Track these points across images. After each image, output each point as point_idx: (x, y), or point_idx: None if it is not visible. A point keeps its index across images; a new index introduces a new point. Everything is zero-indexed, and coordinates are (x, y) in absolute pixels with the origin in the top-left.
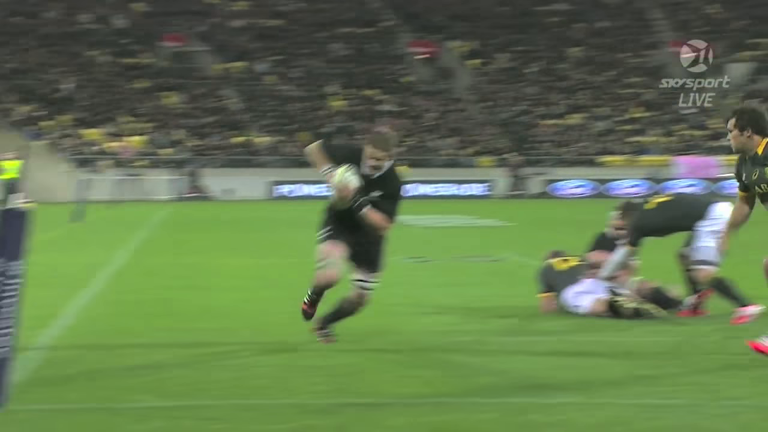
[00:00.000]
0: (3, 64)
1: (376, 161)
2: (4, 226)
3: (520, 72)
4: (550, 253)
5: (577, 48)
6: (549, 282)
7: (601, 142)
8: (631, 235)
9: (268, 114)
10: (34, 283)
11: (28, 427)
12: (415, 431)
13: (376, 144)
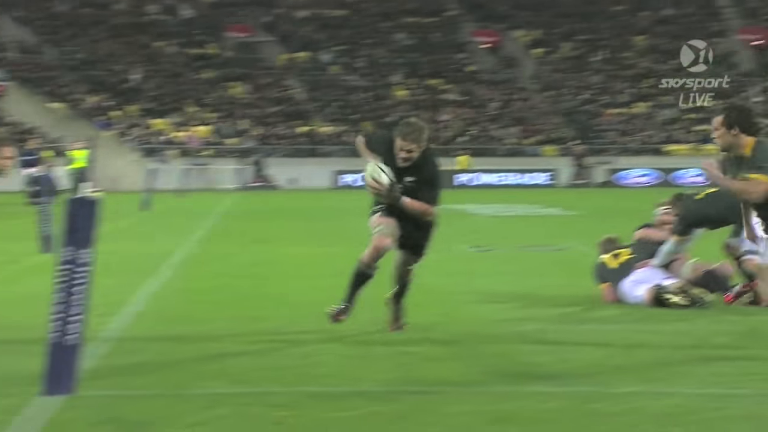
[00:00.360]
0: (73, 55)
1: (407, 153)
2: (74, 215)
3: (584, 61)
4: (604, 241)
5: (642, 36)
6: (604, 278)
7: (666, 131)
8: (678, 225)
9: (333, 104)
10: (103, 272)
11: (99, 413)
12: (478, 419)
13: (406, 136)
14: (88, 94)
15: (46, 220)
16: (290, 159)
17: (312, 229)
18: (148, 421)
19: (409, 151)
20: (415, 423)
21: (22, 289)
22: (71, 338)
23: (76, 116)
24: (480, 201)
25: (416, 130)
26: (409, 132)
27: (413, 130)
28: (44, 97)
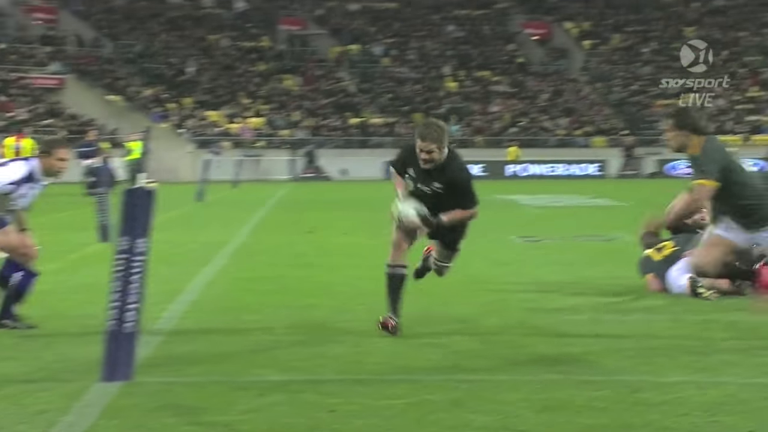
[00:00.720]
0: (130, 49)
1: (428, 155)
2: (131, 206)
3: (634, 52)
4: (644, 234)
5: (693, 27)
6: (649, 270)
7: (717, 122)
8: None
9: (384, 95)
10: (158, 261)
11: (155, 399)
12: (528, 407)
13: (425, 137)
14: (144, 87)
15: (103, 211)
16: (341, 150)
17: (362, 219)
18: (202, 408)
19: (429, 152)
20: (467, 410)
21: (80, 278)
22: (128, 326)
23: (133, 108)
24: (529, 192)
25: (435, 130)
26: (428, 132)
27: (432, 130)
28: (102, 90)
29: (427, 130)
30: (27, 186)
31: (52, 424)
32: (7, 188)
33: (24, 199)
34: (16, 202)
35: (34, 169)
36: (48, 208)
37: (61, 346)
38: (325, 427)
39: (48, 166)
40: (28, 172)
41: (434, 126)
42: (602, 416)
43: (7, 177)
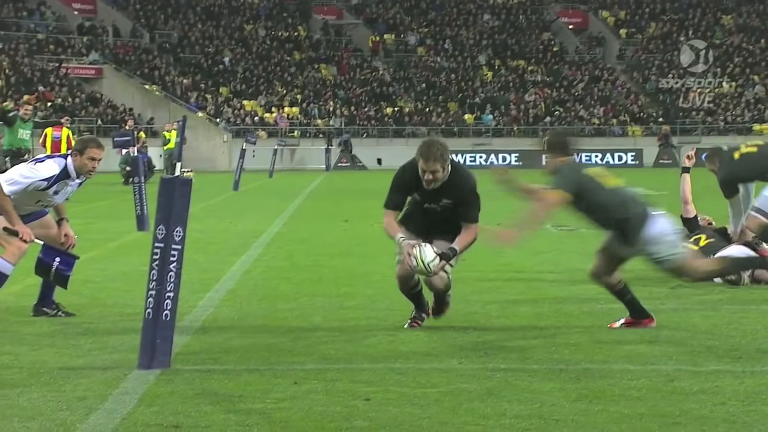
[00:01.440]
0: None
1: (432, 175)
2: (168, 195)
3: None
4: None
5: (730, 15)
6: None
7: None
8: (724, 190)
9: (419, 85)
10: (195, 250)
11: (192, 386)
12: (563, 397)
13: (428, 158)
14: (181, 76)
15: (141, 200)
16: (377, 139)
17: None
18: (239, 396)
19: (434, 172)
20: (501, 399)
21: (118, 266)
22: (166, 315)
23: (170, 98)
24: None
25: (436, 150)
26: (431, 153)
27: (434, 150)
28: (139, 80)
29: (429, 150)
30: (61, 183)
31: (91, 411)
32: (41, 185)
33: (58, 195)
34: (51, 198)
35: (69, 167)
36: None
37: (99, 334)
38: (360, 416)
39: (80, 164)
40: (61, 169)
41: (436, 145)
42: (638, 405)
43: (41, 174)
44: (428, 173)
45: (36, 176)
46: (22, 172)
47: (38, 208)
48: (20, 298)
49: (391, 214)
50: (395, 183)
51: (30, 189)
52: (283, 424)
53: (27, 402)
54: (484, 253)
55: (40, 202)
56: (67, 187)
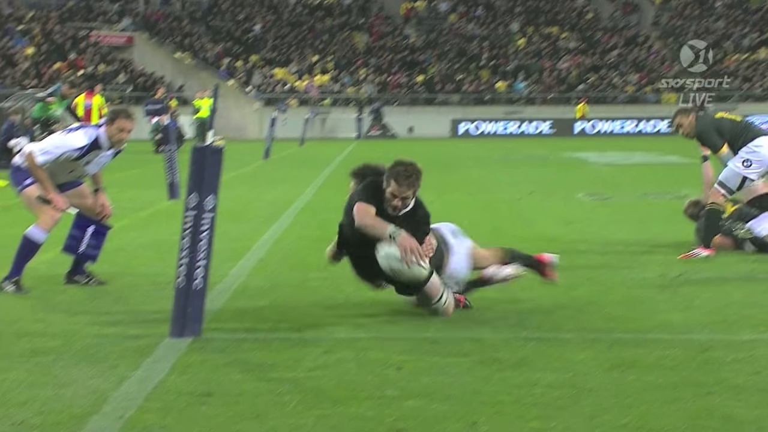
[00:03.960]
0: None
1: (402, 201)
2: (199, 163)
3: (706, 5)
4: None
5: None
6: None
7: None
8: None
9: (451, 52)
10: (226, 218)
11: (223, 355)
12: (597, 366)
13: (403, 182)
14: (211, 44)
15: (172, 168)
16: (408, 108)
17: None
18: (270, 364)
19: (404, 198)
20: (534, 369)
21: (150, 235)
22: (197, 283)
23: (200, 66)
24: (597, 149)
25: (415, 175)
26: (408, 176)
27: (413, 174)
28: (170, 47)
29: (407, 173)
30: (93, 153)
31: (123, 379)
32: (73, 154)
33: (91, 165)
34: (84, 168)
35: (101, 137)
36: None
37: (131, 302)
38: (392, 385)
39: (110, 134)
40: (92, 139)
41: (414, 169)
42: (672, 375)
43: (73, 143)
44: (398, 199)
45: (68, 146)
46: (54, 142)
47: (72, 178)
48: (52, 266)
49: (371, 208)
50: (370, 190)
51: (62, 159)
52: (315, 393)
53: (60, 369)
54: (515, 222)
55: (74, 173)
56: (100, 158)
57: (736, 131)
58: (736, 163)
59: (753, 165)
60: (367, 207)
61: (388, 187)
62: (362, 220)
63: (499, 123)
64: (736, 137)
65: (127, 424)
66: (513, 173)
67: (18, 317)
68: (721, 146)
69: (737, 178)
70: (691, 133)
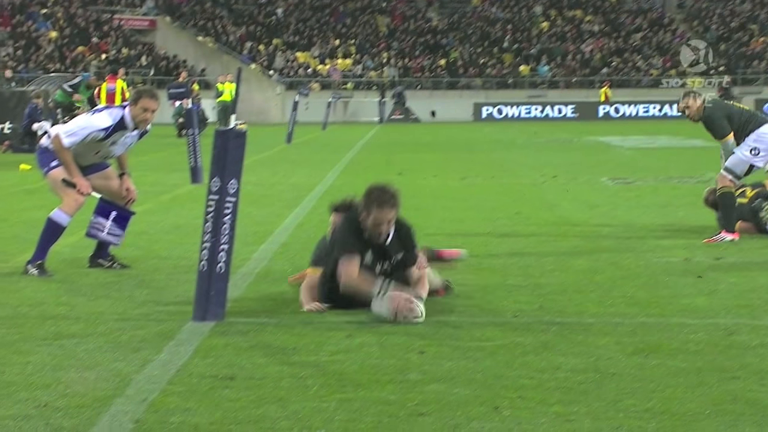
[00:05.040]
0: None
1: (388, 224)
2: (222, 147)
3: None
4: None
5: None
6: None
7: None
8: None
9: (474, 36)
10: (248, 202)
11: (246, 338)
12: (620, 351)
13: (383, 204)
14: (234, 28)
15: (195, 152)
16: (431, 91)
17: (451, 160)
18: (292, 348)
19: (389, 220)
20: (556, 353)
21: (172, 219)
22: (220, 267)
23: (223, 50)
24: (621, 133)
25: (393, 194)
26: (387, 198)
27: (390, 194)
28: (192, 31)
29: (385, 195)
30: (118, 134)
31: (146, 362)
32: (99, 135)
33: (116, 146)
34: (109, 149)
35: (126, 117)
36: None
37: (154, 286)
38: (414, 369)
39: (134, 114)
40: (117, 119)
41: (390, 189)
42: (696, 359)
43: (99, 124)
44: (385, 224)
45: (93, 126)
46: (79, 123)
47: (98, 160)
48: (76, 249)
49: (354, 263)
50: (351, 231)
51: (88, 140)
52: (337, 377)
53: (84, 352)
54: (539, 206)
55: (99, 154)
56: (125, 138)
57: (744, 119)
58: (743, 151)
59: (761, 153)
60: (350, 264)
61: (368, 216)
62: (348, 281)
63: (522, 107)
64: (743, 125)
65: (150, 407)
66: (536, 157)
67: (42, 300)
68: (728, 133)
69: (744, 165)
70: (698, 116)
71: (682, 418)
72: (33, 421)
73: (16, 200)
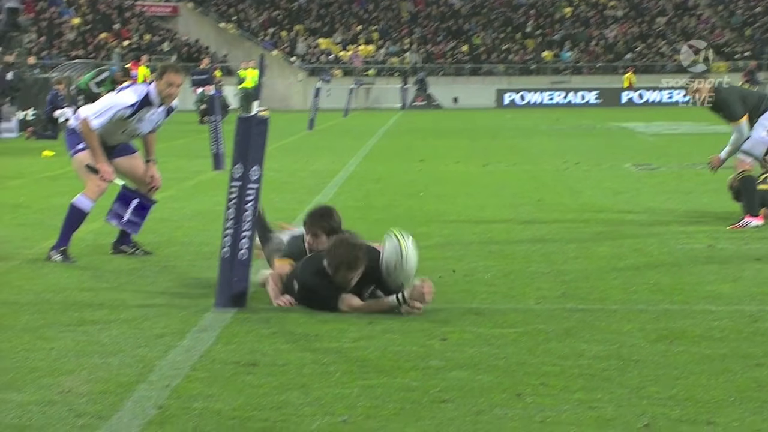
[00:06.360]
0: None
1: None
2: (244, 134)
3: None
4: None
5: None
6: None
7: None
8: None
9: (496, 21)
10: (270, 189)
11: (268, 326)
12: (643, 337)
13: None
14: (256, 14)
15: (217, 139)
16: (453, 78)
17: (473, 147)
18: (315, 335)
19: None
20: (579, 340)
21: (195, 205)
22: (242, 253)
23: (245, 36)
24: (645, 119)
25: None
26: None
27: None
28: (215, 17)
29: (353, 258)
30: (144, 110)
31: (169, 348)
32: (126, 112)
33: (142, 123)
34: (136, 126)
35: (151, 93)
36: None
37: (176, 272)
38: (436, 356)
39: (160, 89)
40: (143, 95)
41: (357, 248)
42: (720, 346)
43: (125, 101)
44: (353, 278)
45: (120, 104)
46: (105, 103)
47: (125, 138)
48: (99, 235)
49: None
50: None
51: (115, 118)
52: (360, 363)
53: (107, 338)
54: (562, 193)
55: (126, 132)
56: (151, 114)
57: (755, 101)
58: (760, 131)
59: None
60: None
61: (337, 274)
62: (358, 310)
63: (545, 93)
64: (756, 107)
65: (174, 392)
66: (559, 144)
67: (65, 287)
68: (742, 115)
69: (763, 146)
70: (708, 99)
71: (706, 405)
72: (57, 406)
73: (39, 187)
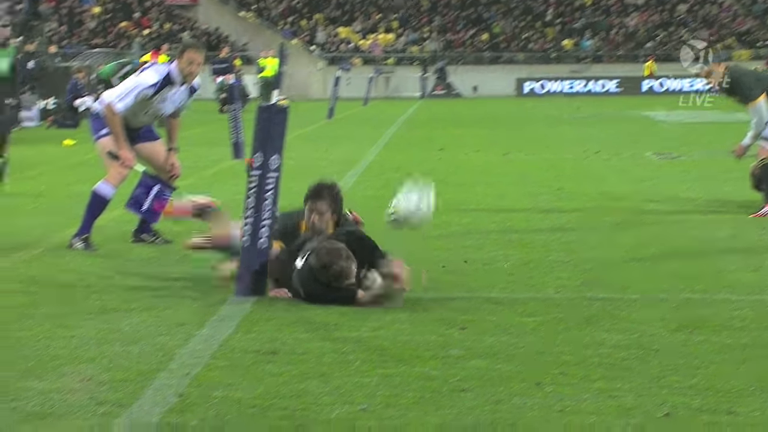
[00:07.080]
0: None
1: None
2: (264, 122)
3: None
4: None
5: None
6: None
7: None
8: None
9: (516, 9)
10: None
11: (288, 315)
12: (663, 327)
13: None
14: (276, 3)
15: (237, 128)
16: (473, 66)
17: (493, 136)
18: (334, 324)
19: None
20: (600, 329)
21: (214, 194)
22: (262, 242)
23: (265, 25)
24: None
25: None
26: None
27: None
28: (234, 6)
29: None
30: (166, 89)
31: (189, 336)
32: (148, 92)
33: (165, 103)
34: (159, 106)
35: (172, 72)
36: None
37: (197, 260)
38: (456, 345)
39: (181, 68)
40: (164, 75)
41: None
42: (742, 335)
43: (147, 81)
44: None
45: (142, 84)
46: (128, 85)
47: (149, 120)
48: (120, 223)
49: None
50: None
51: (139, 99)
52: (379, 352)
53: (128, 326)
54: (583, 182)
55: (149, 113)
56: (174, 94)
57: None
58: None
59: None
60: None
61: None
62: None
63: (565, 81)
64: None
65: (194, 381)
66: (579, 132)
67: (86, 274)
68: (758, 96)
69: None
70: (723, 81)
71: (727, 394)
72: (78, 394)
73: (60, 175)
